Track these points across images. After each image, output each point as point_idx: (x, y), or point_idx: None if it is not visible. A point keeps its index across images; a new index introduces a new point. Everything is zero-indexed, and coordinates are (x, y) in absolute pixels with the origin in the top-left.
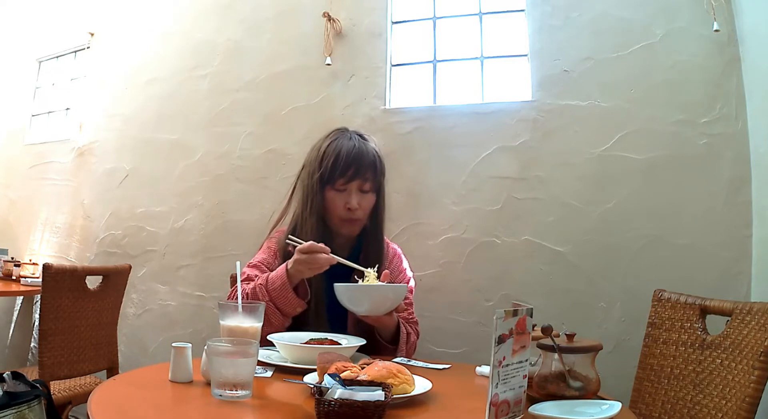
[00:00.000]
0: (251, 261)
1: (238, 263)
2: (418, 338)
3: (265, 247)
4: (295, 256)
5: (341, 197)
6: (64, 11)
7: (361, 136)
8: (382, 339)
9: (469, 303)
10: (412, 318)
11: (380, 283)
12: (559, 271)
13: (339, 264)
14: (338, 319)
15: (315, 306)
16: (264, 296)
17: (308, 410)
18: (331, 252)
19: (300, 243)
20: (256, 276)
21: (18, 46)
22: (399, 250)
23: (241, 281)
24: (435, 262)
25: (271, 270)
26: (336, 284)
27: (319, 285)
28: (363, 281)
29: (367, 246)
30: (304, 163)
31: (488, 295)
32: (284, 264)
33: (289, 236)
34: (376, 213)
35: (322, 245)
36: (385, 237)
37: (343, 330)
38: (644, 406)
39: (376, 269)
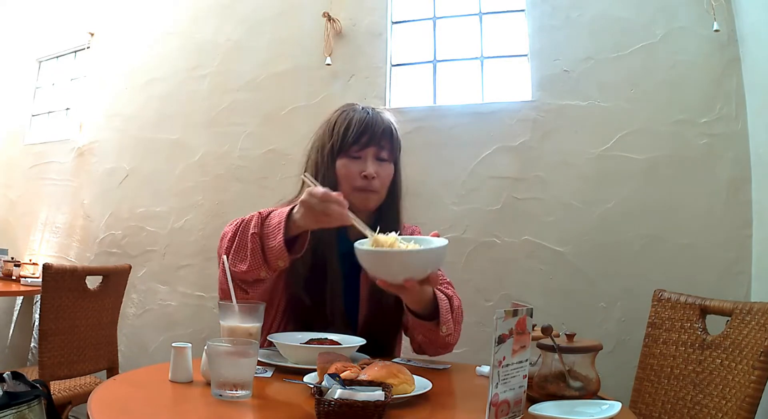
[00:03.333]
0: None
1: (225, 257)
2: (460, 302)
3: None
4: (303, 197)
5: (356, 165)
6: (64, 11)
7: (373, 108)
8: (417, 314)
9: (469, 303)
10: (446, 281)
11: (409, 248)
12: (559, 271)
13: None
14: (349, 312)
15: (331, 301)
16: (256, 227)
17: (308, 410)
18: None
19: (316, 184)
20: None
21: (18, 46)
22: (419, 229)
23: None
24: None
25: None
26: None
27: (336, 276)
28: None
29: (382, 225)
30: (313, 141)
31: (488, 295)
32: (291, 206)
33: (305, 174)
34: (393, 189)
35: (338, 196)
36: (402, 220)
37: (352, 323)
38: (644, 406)
39: (398, 235)
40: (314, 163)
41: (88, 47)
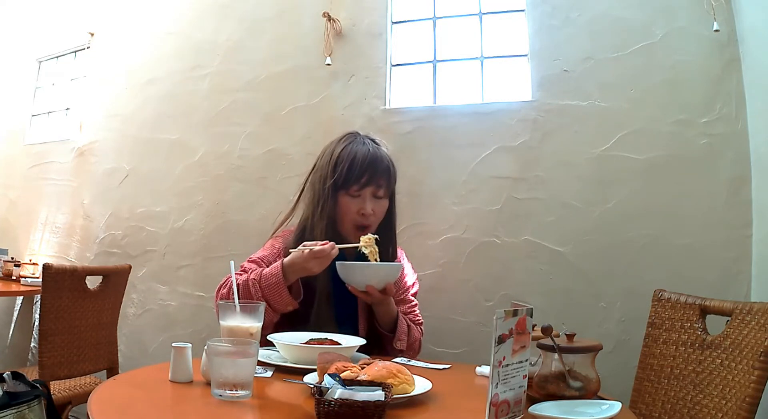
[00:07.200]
0: (252, 256)
1: (232, 263)
2: (422, 336)
3: (269, 245)
4: (307, 256)
5: (355, 203)
6: (64, 11)
7: (373, 140)
8: (382, 327)
9: (469, 303)
10: (417, 320)
11: (372, 263)
12: (559, 271)
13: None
14: (348, 321)
15: (322, 308)
16: (256, 292)
17: (308, 410)
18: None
19: (303, 252)
20: (252, 270)
21: (18, 46)
22: (402, 253)
23: (237, 273)
24: (435, 262)
25: None
26: (337, 262)
27: (325, 287)
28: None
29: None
30: (314, 165)
31: (488, 295)
32: (279, 262)
33: (305, 243)
34: (389, 218)
35: (328, 245)
36: (397, 246)
37: (353, 332)
38: (644, 406)
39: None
40: (317, 193)
41: (88, 47)
